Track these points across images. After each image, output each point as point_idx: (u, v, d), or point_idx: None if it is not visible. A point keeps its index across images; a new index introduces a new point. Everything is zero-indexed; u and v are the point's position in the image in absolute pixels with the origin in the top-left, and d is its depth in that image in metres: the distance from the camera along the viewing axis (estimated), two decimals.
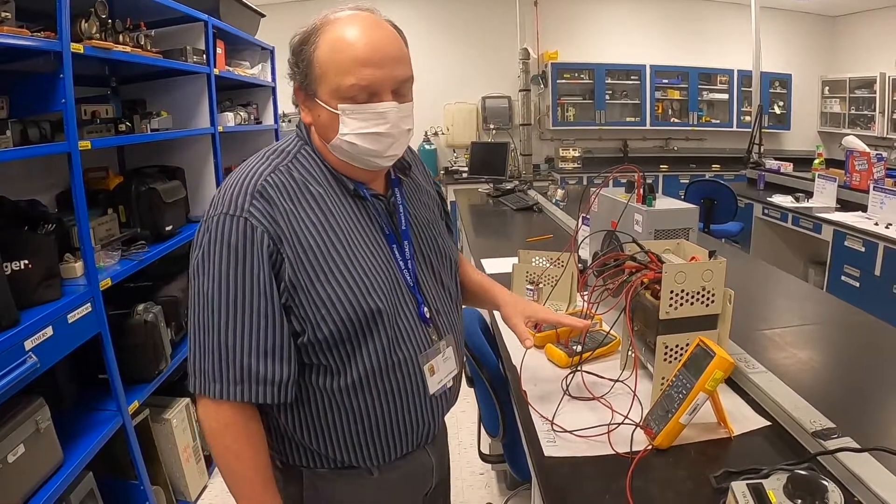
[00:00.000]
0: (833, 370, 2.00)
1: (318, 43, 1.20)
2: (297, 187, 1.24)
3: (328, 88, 1.20)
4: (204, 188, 3.62)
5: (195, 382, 1.20)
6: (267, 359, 1.19)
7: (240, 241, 1.16)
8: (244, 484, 1.24)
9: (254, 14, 4.49)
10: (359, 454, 1.33)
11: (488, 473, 3.32)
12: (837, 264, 4.79)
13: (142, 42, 2.80)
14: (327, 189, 1.27)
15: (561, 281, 2.24)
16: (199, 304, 1.19)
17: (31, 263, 2.10)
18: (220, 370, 1.17)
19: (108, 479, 2.51)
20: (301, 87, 1.26)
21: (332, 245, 1.22)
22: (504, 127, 8.41)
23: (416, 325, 1.34)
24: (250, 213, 1.17)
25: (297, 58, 1.24)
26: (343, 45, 1.18)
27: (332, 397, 1.28)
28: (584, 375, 1.74)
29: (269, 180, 1.22)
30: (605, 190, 2.27)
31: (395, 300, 1.29)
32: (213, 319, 1.17)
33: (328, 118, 1.22)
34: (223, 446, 1.22)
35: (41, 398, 2.09)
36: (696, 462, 1.34)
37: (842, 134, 7.47)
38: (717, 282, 1.55)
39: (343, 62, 1.17)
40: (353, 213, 1.29)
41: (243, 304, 1.17)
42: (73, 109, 2.23)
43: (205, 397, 1.20)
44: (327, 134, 1.24)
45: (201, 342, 1.19)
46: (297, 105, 1.32)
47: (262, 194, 1.19)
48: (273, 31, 5.12)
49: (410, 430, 1.36)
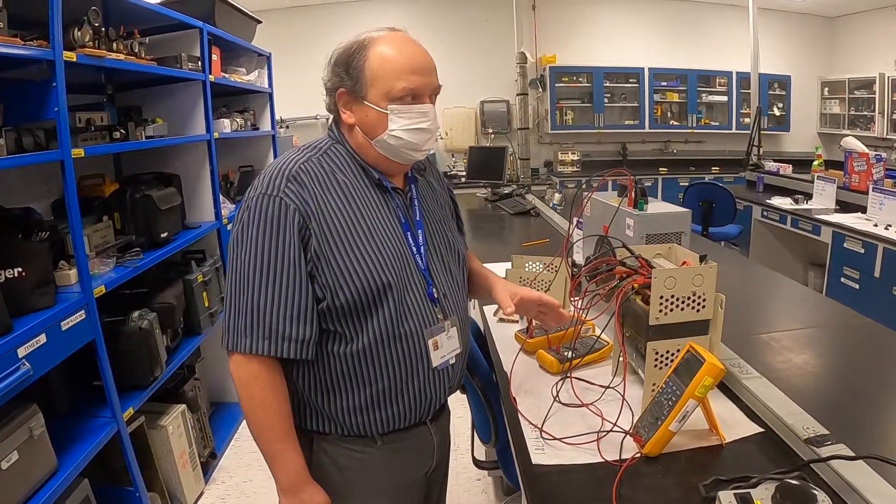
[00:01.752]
0: (829, 375, 1.98)
1: (368, 55, 1.41)
2: (325, 175, 1.44)
3: (379, 92, 1.41)
4: (200, 194, 3.62)
5: (228, 339, 1.38)
6: (293, 320, 1.36)
7: (275, 215, 1.35)
8: (267, 430, 1.42)
9: (250, 20, 4.48)
10: (365, 420, 1.48)
11: (485, 479, 3.31)
12: (837, 266, 4.78)
13: (136, 50, 2.80)
14: (352, 179, 1.47)
15: (554, 286, 2.23)
16: (236, 271, 1.38)
17: (24, 271, 2.10)
18: (250, 328, 1.35)
19: (104, 485, 2.50)
20: (349, 91, 1.45)
21: (352, 225, 1.41)
22: (502, 131, 8.40)
23: (425, 303, 1.50)
24: (285, 193, 1.37)
25: (345, 67, 1.44)
26: (393, 56, 1.41)
27: (343, 362, 1.44)
28: (575, 382, 1.74)
29: (302, 168, 1.42)
30: (598, 194, 2.27)
31: (405, 278, 1.46)
32: (248, 284, 1.36)
33: (377, 117, 1.43)
34: (250, 395, 1.39)
35: (35, 405, 2.09)
36: (686, 470, 1.33)
37: (841, 135, 7.44)
38: (707, 286, 1.54)
39: (394, 70, 1.40)
40: (373, 201, 1.48)
41: (275, 270, 1.35)
42: (65, 117, 2.23)
43: (236, 353, 1.38)
44: (374, 131, 1.45)
45: (236, 303, 1.37)
46: (333, 110, 1.51)
47: (295, 178, 1.39)
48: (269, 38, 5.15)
49: (414, 400, 1.51)
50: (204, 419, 3.41)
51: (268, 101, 4.79)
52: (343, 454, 1.52)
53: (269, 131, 4.78)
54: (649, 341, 1.55)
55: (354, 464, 1.53)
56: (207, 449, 3.43)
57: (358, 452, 1.52)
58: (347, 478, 1.53)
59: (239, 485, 3.34)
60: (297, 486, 1.44)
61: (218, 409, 3.97)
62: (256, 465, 3.49)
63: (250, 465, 3.50)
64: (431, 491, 1.76)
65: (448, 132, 8.36)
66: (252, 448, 3.64)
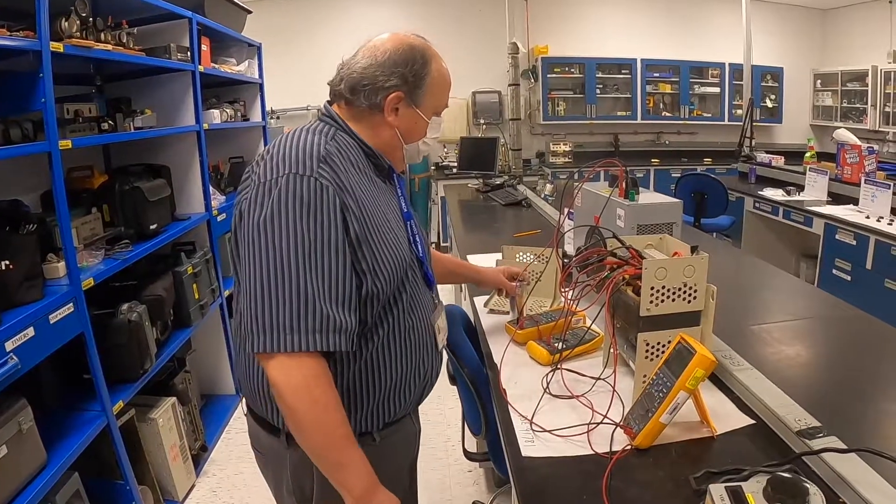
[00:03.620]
0: (821, 366, 1.99)
1: (431, 69, 1.47)
2: (346, 159, 1.39)
3: (432, 104, 1.50)
4: (190, 186, 3.61)
5: (265, 340, 1.21)
6: (343, 307, 1.26)
7: (313, 197, 1.25)
8: (336, 439, 1.27)
9: (240, 10, 4.46)
10: (371, 417, 1.46)
11: (476, 471, 3.31)
12: (829, 258, 4.80)
13: (124, 40, 2.77)
14: (363, 166, 1.45)
15: (545, 277, 2.22)
16: (269, 259, 1.23)
17: (12, 264, 2.08)
18: (297, 320, 1.21)
19: (94, 479, 2.49)
20: (407, 95, 1.45)
21: (377, 208, 1.39)
22: (494, 122, 8.38)
23: (426, 289, 1.56)
24: (319, 173, 1.28)
25: (412, 74, 1.44)
26: (445, 73, 1.51)
27: (361, 360, 1.40)
28: (566, 373, 1.73)
29: (328, 148, 1.35)
30: (590, 184, 2.26)
31: (414, 266, 1.50)
32: (289, 271, 1.22)
33: (421, 125, 1.51)
34: (311, 400, 1.22)
35: (24, 399, 2.08)
36: (676, 462, 1.33)
37: (834, 127, 7.45)
38: (699, 277, 1.54)
39: (445, 86, 1.53)
40: (382, 188, 1.50)
41: (320, 254, 1.24)
42: (52, 109, 2.21)
43: (279, 354, 1.21)
44: (413, 136, 1.52)
45: (274, 295, 1.21)
46: (374, 107, 1.45)
47: (326, 159, 1.31)
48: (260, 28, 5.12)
49: (419, 388, 1.55)
50: (195, 412, 3.40)
51: (258, 91, 4.77)
52: None
53: (260, 122, 4.77)
54: (640, 332, 1.55)
55: None
56: (198, 442, 3.42)
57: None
58: None
59: (230, 477, 3.33)
60: (372, 490, 1.32)
61: (208, 401, 3.95)
62: (247, 458, 3.46)
63: (241, 458, 3.49)
64: (413, 480, 1.79)
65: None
66: (243, 441, 3.65)
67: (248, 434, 1.59)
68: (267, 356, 1.22)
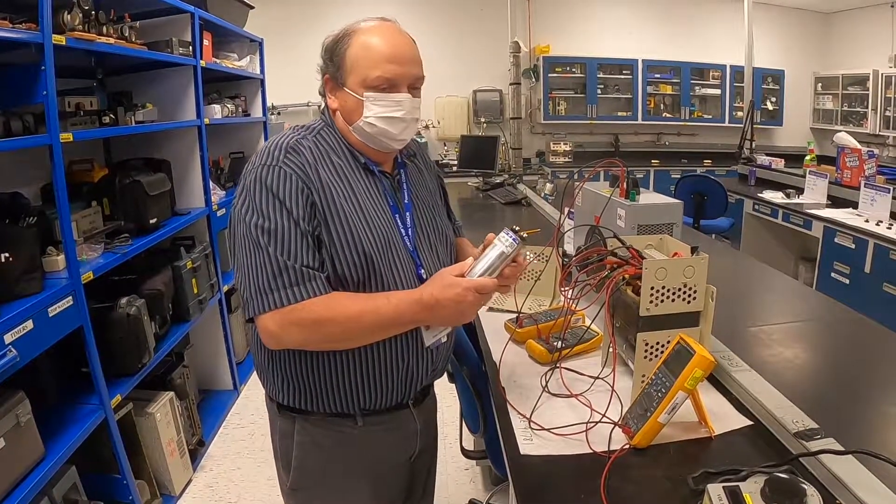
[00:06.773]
0: (819, 369, 1.99)
1: (351, 43, 1.46)
2: (320, 153, 1.47)
3: (357, 79, 1.46)
4: (190, 181, 3.61)
5: (253, 304, 1.34)
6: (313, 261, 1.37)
7: (276, 182, 1.37)
8: (364, 314, 1.38)
9: (242, 6, 4.46)
10: (350, 397, 1.50)
11: (473, 469, 3.32)
12: (827, 261, 4.80)
13: (126, 34, 2.77)
14: (344, 161, 1.50)
15: (544, 276, 2.22)
16: (246, 237, 1.36)
17: (11, 256, 2.08)
18: (275, 281, 1.33)
19: (91, 473, 2.49)
20: (332, 77, 1.51)
21: (344, 200, 1.43)
22: (495, 120, 8.39)
23: (414, 283, 1.51)
24: (284, 162, 1.40)
25: (330, 54, 1.50)
26: (372, 45, 1.45)
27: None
28: (565, 372, 1.73)
29: (301, 141, 1.46)
30: (590, 184, 2.26)
31: (392, 257, 1.48)
32: (261, 242, 1.34)
33: (354, 104, 1.47)
34: (331, 320, 1.36)
35: (22, 392, 2.08)
36: (674, 462, 1.33)
37: (834, 130, 7.45)
38: (698, 278, 1.54)
39: (371, 59, 1.44)
40: (363, 183, 1.51)
41: (286, 227, 1.35)
42: (54, 101, 2.21)
43: (264, 314, 1.34)
44: (352, 117, 1.49)
45: (252, 265, 1.35)
46: (323, 94, 1.57)
47: (293, 150, 1.42)
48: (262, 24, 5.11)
49: (401, 379, 1.54)
50: (192, 406, 3.40)
51: (259, 87, 4.78)
52: (325, 434, 1.55)
53: (261, 118, 4.78)
54: (639, 332, 1.55)
55: (335, 443, 1.55)
56: (195, 436, 3.42)
57: (338, 432, 1.54)
58: (328, 457, 1.56)
59: (227, 472, 3.33)
60: (429, 294, 1.39)
61: (206, 396, 3.96)
62: (245, 453, 3.48)
63: (239, 453, 3.49)
64: (417, 479, 1.78)
65: (440, 121, 8.35)
66: (240, 436, 3.66)
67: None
68: (255, 319, 1.36)
